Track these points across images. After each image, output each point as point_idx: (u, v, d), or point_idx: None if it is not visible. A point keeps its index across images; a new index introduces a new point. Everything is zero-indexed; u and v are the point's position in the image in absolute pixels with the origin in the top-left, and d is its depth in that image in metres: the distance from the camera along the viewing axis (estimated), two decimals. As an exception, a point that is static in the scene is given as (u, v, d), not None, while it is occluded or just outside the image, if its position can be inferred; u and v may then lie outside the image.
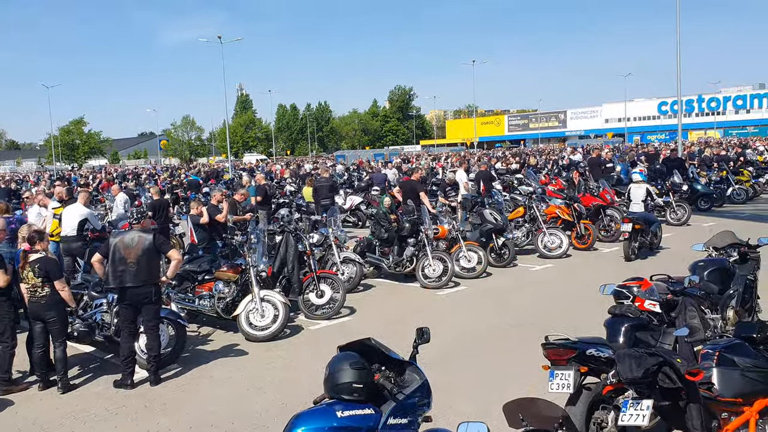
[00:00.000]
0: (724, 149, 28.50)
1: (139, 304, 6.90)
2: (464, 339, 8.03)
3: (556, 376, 4.40)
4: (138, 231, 7.01)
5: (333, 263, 10.65)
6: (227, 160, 52.79)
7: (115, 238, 6.98)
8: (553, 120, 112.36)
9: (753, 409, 4.08)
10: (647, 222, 12.80)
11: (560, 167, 27.31)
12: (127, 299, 6.87)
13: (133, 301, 6.87)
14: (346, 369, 3.58)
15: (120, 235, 7.07)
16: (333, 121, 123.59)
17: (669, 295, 5.76)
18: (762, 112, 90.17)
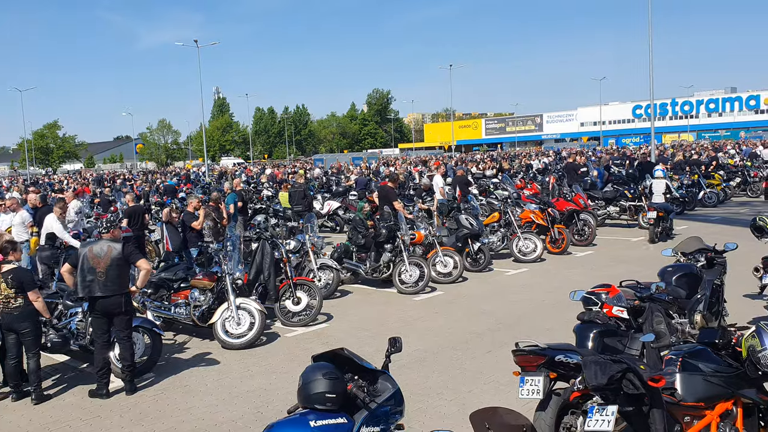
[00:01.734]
0: (697, 153, 28.98)
1: (111, 315, 6.88)
2: (440, 344, 8.12)
3: (526, 382, 4.49)
4: (107, 241, 6.99)
5: (310, 270, 10.68)
6: (204, 163, 52.45)
7: (85, 248, 6.97)
8: (529, 123, 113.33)
9: (714, 412, 4.21)
10: (667, 211, 15.03)
11: (535, 171, 27.60)
12: (97, 309, 6.85)
13: (104, 311, 6.86)
14: (320, 379, 3.64)
15: (89, 244, 7.05)
16: (311, 124, 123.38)
17: (636, 301, 5.89)
18: (733, 115, 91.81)
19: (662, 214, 14.71)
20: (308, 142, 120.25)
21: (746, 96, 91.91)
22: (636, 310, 5.82)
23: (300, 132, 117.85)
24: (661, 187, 15.83)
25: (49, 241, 10.98)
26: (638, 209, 16.81)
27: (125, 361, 6.95)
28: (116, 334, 7.01)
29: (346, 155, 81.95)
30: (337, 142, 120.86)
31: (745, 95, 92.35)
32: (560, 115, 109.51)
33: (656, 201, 15.48)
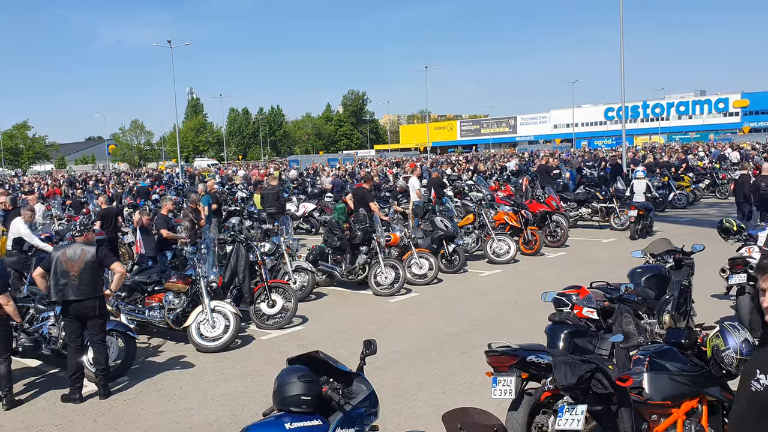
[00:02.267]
0: (668, 155, 29.47)
1: (84, 318, 6.83)
2: (415, 345, 8.18)
3: (498, 382, 4.57)
4: (81, 244, 6.94)
5: (285, 272, 10.68)
6: (178, 164, 52.03)
7: (58, 251, 6.91)
8: (503, 126, 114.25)
9: (680, 410, 4.32)
10: (647, 209, 15.81)
11: (509, 173, 27.85)
12: (71, 313, 6.80)
13: (78, 315, 6.81)
14: (295, 382, 3.68)
15: (62, 248, 6.99)
16: (286, 125, 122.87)
17: (606, 302, 6.02)
18: (703, 117, 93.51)
19: (642, 213, 15.52)
20: (283, 143, 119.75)
21: (715, 99, 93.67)
22: (606, 310, 5.94)
23: (275, 133, 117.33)
24: (642, 186, 16.88)
25: (16, 246, 10.81)
26: (609, 211, 17.08)
27: (99, 365, 6.90)
28: (90, 337, 6.96)
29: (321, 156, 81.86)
30: (312, 143, 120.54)
31: (714, 98, 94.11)
32: (534, 118, 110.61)
33: (637, 200, 16.35)
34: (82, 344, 6.98)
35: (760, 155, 31.23)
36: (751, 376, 2.49)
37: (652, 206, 16.69)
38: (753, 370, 2.51)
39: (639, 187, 16.92)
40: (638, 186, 16.95)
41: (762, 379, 2.43)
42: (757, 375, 2.46)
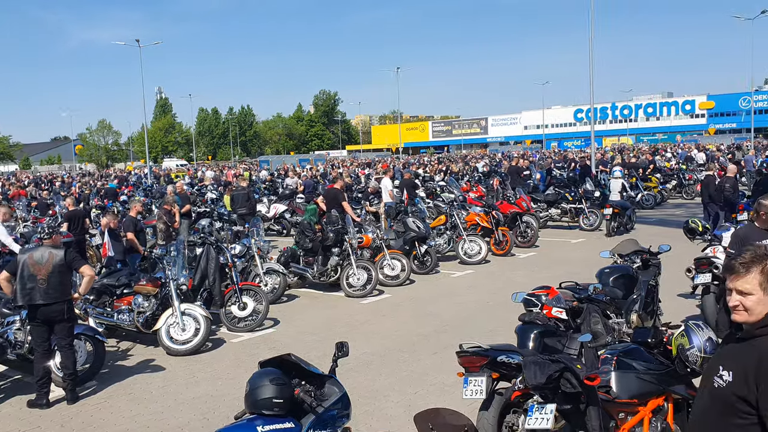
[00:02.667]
0: (635, 157, 29.92)
1: (52, 322, 6.72)
2: (387, 347, 8.21)
3: (469, 382, 4.61)
4: (48, 247, 6.83)
5: (256, 274, 10.62)
6: (146, 165, 51.38)
7: (24, 255, 6.79)
8: (475, 127, 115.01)
9: (647, 408, 4.41)
10: (623, 207, 16.34)
11: (481, 174, 28.05)
12: (38, 317, 6.68)
13: (45, 319, 6.69)
14: (267, 385, 3.67)
15: (29, 251, 6.88)
16: (256, 125, 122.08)
17: (575, 302, 6.10)
18: (670, 119, 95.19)
19: (618, 211, 16.07)
20: (253, 144, 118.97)
21: (682, 101, 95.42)
22: (574, 310, 6.02)
23: (245, 133, 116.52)
24: (618, 186, 17.62)
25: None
26: (579, 211, 17.31)
27: (66, 369, 6.79)
28: (57, 342, 6.84)
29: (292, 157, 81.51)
30: (283, 143, 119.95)
31: (681, 100, 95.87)
32: (505, 119, 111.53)
33: (613, 199, 17.10)
34: (50, 349, 6.87)
35: (725, 156, 31.91)
36: (714, 373, 2.57)
37: (629, 204, 17.23)
38: (716, 366, 2.58)
39: (615, 186, 17.54)
40: (614, 185, 17.57)
41: (725, 375, 2.50)
42: (720, 371, 2.53)
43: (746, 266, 2.52)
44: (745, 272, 2.52)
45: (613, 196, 17.36)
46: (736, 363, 2.50)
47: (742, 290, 2.52)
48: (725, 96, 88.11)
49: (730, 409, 2.46)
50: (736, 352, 2.55)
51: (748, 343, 2.51)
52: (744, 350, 2.51)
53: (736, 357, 2.53)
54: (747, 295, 2.51)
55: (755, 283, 2.50)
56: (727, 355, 2.61)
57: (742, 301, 2.51)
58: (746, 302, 2.51)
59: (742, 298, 2.52)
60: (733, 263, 2.58)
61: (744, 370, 2.44)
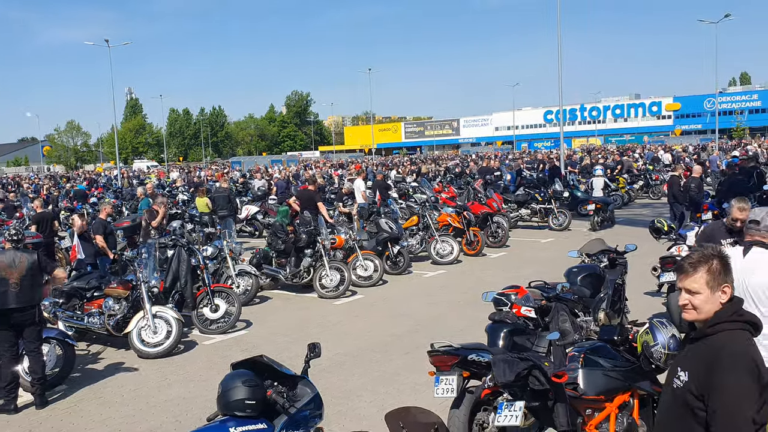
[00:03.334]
0: (603, 157, 30.39)
1: (21, 326, 6.64)
2: (360, 347, 8.25)
3: (440, 381, 4.68)
4: (20, 250, 6.75)
5: (228, 276, 10.59)
6: (116, 166, 50.69)
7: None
8: (447, 128, 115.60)
9: (613, 404, 4.52)
10: (605, 203, 17.65)
11: (453, 175, 28.23)
12: (8, 322, 6.59)
13: (15, 324, 6.61)
14: (239, 386, 3.69)
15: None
16: (228, 126, 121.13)
17: (543, 301, 6.22)
18: (638, 120, 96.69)
19: (600, 206, 17.28)
20: (225, 144, 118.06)
21: (649, 102, 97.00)
22: (543, 309, 6.14)
23: (216, 134, 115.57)
24: (600, 183, 19.01)
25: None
26: (548, 212, 17.54)
27: (35, 374, 6.71)
28: (26, 346, 6.76)
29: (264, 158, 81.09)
30: (255, 144, 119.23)
31: (648, 102, 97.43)
32: (476, 120, 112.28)
33: (596, 195, 18.47)
34: (18, 353, 6.78)
35: (690, 157, 32.54)
36: (674, 374, 2.66)
37: (610, 200, 18.52)
38: (675, 368, 2.68)
39: (597, 184, 18.85)
40: (597, 183, 18.87)
41: (682, 376, 2.59)
42: (678, 372, 2.62)
43: (694, 266, 2.60)
44: (692, 271, 2.60)
45: (595, 193, 18.53)
46: (690, 363, 2.58)
47: (690, 289, 2.60)
48: (691, 98, 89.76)
49: (688, 408, 2.54)
50: (691, 352, 2.64)
51: (701, 343, 2.59)
52: (697, 350, 2.59)
53: (690, 357, 2.61)
54: (695, 294, 2.59)
55: (702, 282, 2.58)
56: (683, 356, 2.69)
57: (691, 300, 2.60)
58: (694, 301, 2.59)
59: (691, 297, 2.60)
60: (682, 263, 2.66)
61: (696, 369, 2.52)
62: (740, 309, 2.62)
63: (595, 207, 17.24)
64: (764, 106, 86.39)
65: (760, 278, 4.07)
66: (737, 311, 2.60)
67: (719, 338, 2.54)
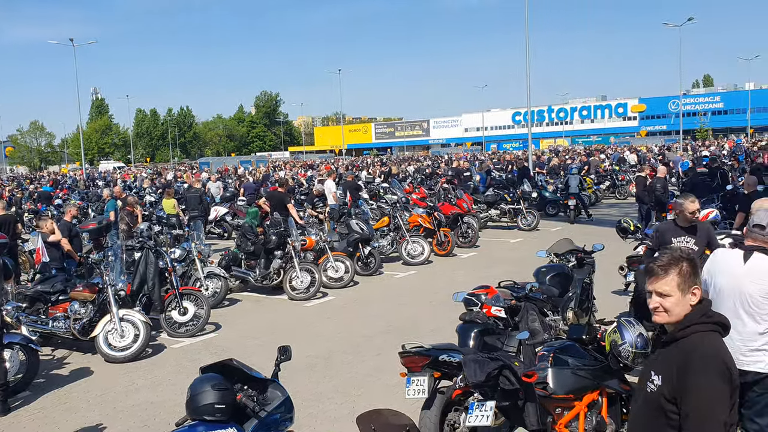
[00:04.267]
0: (570, 158, 30.77)
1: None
2: (331, 349, 8.22)
3: (412, 382, 4.69)
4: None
5: (196, 279, 10.46)
6: (82, 167, 49.80)
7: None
8: (417, 129, 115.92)
9: (582, 403, 4.57)
10: (581, 199, 19.17)
11: (423, 176, 28.32)
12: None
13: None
14: (208, 390, 3.65)
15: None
16: (196, 126, 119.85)
17: (513, 300, 6.26)
18: (604, 121, 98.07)
19: (578, 203, 18.82)
20: (193, 145, 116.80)
21: (615, 104, 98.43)
22: (513, 309, 6.18)
23: (184, 134, 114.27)
24: (576, 181, 19.92)
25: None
26: (517, 212, 17.70)
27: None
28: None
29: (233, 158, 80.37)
30: (224, 144, 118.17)
31: (614, 103, 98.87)
32: (446, 121, 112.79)
33: (572, 192, 19.32)
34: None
35: (656, 158, 33.11)
36: (647, 378, 2.66)
37: (582, 196, 19.80)
38: (648, 371, 2.68)
39: (573, 182, 19.79)
40: (572, 181, 19.85)
41: (656, 380, 2.60)
42: (652, 376, 2.63)
43: (665, 268, 2.61)
44: (663, 274, 2.61)
45: (572, 190, 19.58)
46: (663, 366, 2.60)
47: (662, 292, 2.61)
48: (656, 99, 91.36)
49: (661, 411, 2.55)
50: (663, 355, 2.65)
51: (673, 346, 2.60)
52: (669, 353, 2.60)
53: (662, 360, 2.63)
54: (666, 297, 2.60)
55: (673, 285, 2.59)
56: (656, 360, 2.71)
57: (662, 302, 2.61)
58: (665, 304, 2.60)
59: (662, 300, 2.61)
60: (651, 266, 2.67)
61: (669, 372, 2.54)
62: (709, 310, 2.64)
63: (575, 203, 18.63)
64: (726, 107, 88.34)
65: (758, 286, 4.03)
66: (706, 313, 2.62)
67: (690, 341, 2.55)
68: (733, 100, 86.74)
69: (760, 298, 4.01)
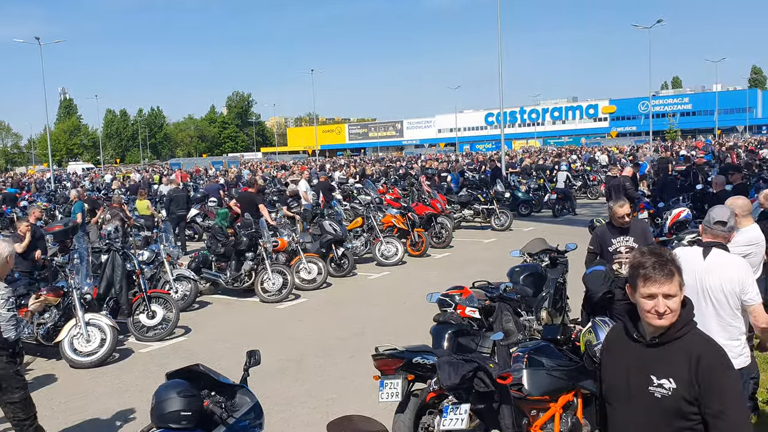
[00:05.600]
0: (542, 158, 30.99)
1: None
2: (303, 352, 8.10)
3: (385, 385, 4.60)
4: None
5: (165, 281, 10.25)
6: (49, 168, 48.88)
7: None
8: (390, 129, 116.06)
9: (557, 404, 4.52)
10: (566, 194, 20.54)
11: (397, 177, 28.28)
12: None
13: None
14: (173, 397, 3.51)
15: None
16: (167, 127, 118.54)
17: (487, 301, 6.20)
18: (575, 123, 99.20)
19: (562, 197, 20.16)
20: (164, 146, 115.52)
21: (586, 105, 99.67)
22: (487, 309, 6.11)
23: (155, 135, 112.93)
24: (563, 176, 21.78)
25: None
26: (490, 212, 17.73)
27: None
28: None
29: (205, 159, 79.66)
30: (195, 145, 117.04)
31: (585, 104, 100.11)
32: (419, 122, 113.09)
33: (559, 187, 21.13)
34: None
35: (626, 158, 33.48)
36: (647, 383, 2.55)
37: (570, 192, 21.29)
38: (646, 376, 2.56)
39: (561, 177, 21.80)
40: (560, 176, 21.90)
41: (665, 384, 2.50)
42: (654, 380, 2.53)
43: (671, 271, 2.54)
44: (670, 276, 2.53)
45: (559, 185, 21.21)
46: (674, 368, 2.50)
47: (670, 293, 2.52)
48: (625, 100, 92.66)
49: (679, 414, 2.47)
50: (666, 357, 2.54)
51: (671, 347, 2.52)
52: (671, 355, 2.52)
53: (671, 362, 2.52)
54: (672, 298, 2.52)
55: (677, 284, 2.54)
56: (653, 364, 2.56)
57: (669, 304, 2.51)
58: (673, 305, 2.52)
59: (669, 302, 2.51)
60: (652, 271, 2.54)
61: (682, 375, 2.46)
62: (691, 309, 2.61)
63: (557, 197, 19.99)
64: (695, 108, 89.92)
65: (721, 281, 4.02)
66: (691, 309, 2.60)
67: (692, 339, 2.51)
68: (701, 101, 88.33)
69: (721, 293, 4.03)
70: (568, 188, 21.61)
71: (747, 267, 4.19)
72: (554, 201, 20.18)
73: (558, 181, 21.67)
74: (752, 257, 5.20)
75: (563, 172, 22.63)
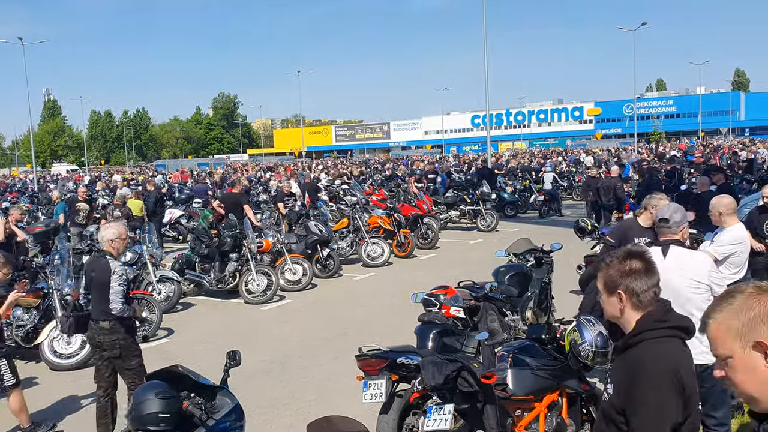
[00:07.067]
0: (528, 160, 31.10)
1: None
2: (287, 353, 8.03)
3: (369, 386, 4.54)
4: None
5: (148, 282, 10.13)
6: (33, 170, 48.39)
7: None
8: (377, 131, 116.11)
9: (542, 404, 4.49)
10: (552, 195, 20.90)
11: (384, 177, 28.25)
12: None
13: None
14: (152, 399, 3.45)
15: None
16: (152, 128, 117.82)
17: (472, 300, 6.17)
18: (561, 125, 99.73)
19: (548, 198, 20.50)
20: (149, 147, 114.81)
21: (571, 107, 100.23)
22: (472, 309, 6.09)
23: (140, 137, 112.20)
24: (550, 178, 22.21)
25: None
26: (476, 213, 17.73)
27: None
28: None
29: (190, 161, 79.24)
30: (181, 147, 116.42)
31: (570, 107, 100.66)
32: (406, 124, 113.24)
33: (546, 188, 21.51)
34: None
35: (611, 159, 33.67)
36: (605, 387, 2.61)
37: (558, 194, 21.73)
38: (607, 380, 2.64)
39: (548, 178, 22.13)
40: (547, 177, 22.23)
41: (609, 390, 2.54)
42: (607, 385, 2.58)
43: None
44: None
45: (546, 186, 21.52)
46: (615, 376, 2.55)
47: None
48: (611, 103, 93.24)
49: (612, 421, 2.48)
50: (616, 364, 2.60)
51: (624, 354, 2.53)
52: (620, 363, 2.55)
53: (615, 370, 2.59)
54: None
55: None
56: (613, 368, 2.67)
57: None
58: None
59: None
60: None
61: (619, 384, 2.47)
62: (663, 315, 2.51)
63: (544, 198, 20.30)
64: (679, 111, 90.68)
65: (683, 278, 4.06)
66: (659, 318, 2.50)
67: (637, 351, 2.46)
68: (686, 103, 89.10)
69: (685, 288, 4.08)
70: (554, 189, 21.93)
71: (708, 259, 4.26)
72: (541, 202, 20.38)
73: (545, 183, 21.94)
74: (736, 256, 5.21)
75: (549, 174, 22.97)
